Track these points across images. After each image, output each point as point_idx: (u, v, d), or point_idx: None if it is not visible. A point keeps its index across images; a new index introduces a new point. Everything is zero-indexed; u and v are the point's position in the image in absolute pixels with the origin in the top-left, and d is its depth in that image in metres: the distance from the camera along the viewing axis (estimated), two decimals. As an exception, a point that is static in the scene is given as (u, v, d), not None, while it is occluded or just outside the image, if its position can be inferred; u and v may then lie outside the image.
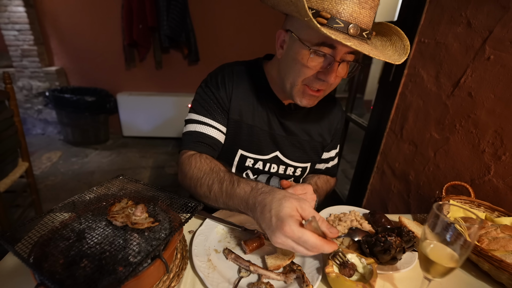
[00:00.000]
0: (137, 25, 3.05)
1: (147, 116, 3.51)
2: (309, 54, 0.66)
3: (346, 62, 0.68)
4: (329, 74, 0.66)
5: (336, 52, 0.64)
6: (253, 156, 0.90)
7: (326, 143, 0.97)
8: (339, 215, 0.81)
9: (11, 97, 1.55)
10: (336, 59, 0.65)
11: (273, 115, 0.87)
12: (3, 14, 3.01)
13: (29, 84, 3.34)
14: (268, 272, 0.59)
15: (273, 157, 0.91)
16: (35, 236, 0.52)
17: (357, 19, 0.59)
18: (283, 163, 0.93)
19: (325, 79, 0.67)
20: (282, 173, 0.94)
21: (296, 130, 0.90)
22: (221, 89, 0.83)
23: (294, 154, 0.93)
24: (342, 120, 0.99)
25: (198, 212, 0.65)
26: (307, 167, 0.97)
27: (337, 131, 0.99)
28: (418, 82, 1.23)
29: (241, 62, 0.89)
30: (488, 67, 0.92)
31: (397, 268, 0.63)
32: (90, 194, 0.65)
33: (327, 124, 0.95)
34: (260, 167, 0.92)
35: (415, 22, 1.21)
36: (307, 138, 0.93)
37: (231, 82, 0.84)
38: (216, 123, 0.83)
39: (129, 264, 0.46)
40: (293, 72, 0.72)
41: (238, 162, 0.89)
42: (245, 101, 0.85)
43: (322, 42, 0.63)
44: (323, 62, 0.67)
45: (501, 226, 0.72)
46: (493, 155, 0.91)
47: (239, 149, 0.88)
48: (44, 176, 2.69)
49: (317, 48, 0.64)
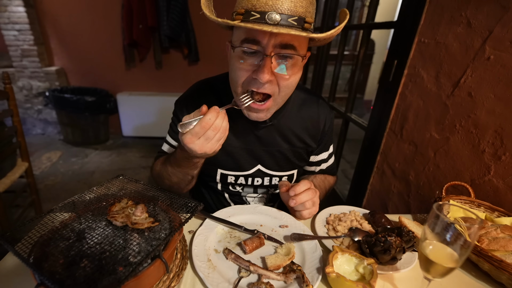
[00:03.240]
0: (137, 25, 3.05)
1: (147, 116, 3.51)
2: (237, 54, 0.64)
3: (282, 57, 0.63)
4: (260, 71, 0.61)
5: (264, 46, 0.60)
6: (233, 173, 0.90)
7: (312, 148, 0.93)
8: (339, 215, 0.81)
9: (11, 97, 1.55)
10: (266, 53, 0.60)
11: (247, 130, 0.84)
12: (3, 14, 3.01)
13: (29, 84, 3.34)
14: (268, 272, 0.59)
15: (256, 171, 0.90)
16: (35, 236, 0.52)
17: (274, 7, 0.56)
18: (267, 175, 0.91)
19: (257, 77, 0.62)
20: (267, 184, 0.93)
21: (274, 141, 0.87)
22: (185, 112, 0.83)
23: (277, 164, 0.90)
24: (330, 121, 0.93)
25: (198, 212, 0.65)
26: (293, 174, 0.95)
27: (324, 133, 0.93)
28: (418, 82, 1.23)
29: (210, 82, 0.88)
30: (488, 67, 0.92)
31: (397, 268, 0.63)
32: (90, 194, 0.65)
33: (310, 129, 0.90)
34: (243, 182, 0.92)
35: (415, 22, 1.21)
36: (287, 146, 0.89)
37: (199, 103, 0.75)
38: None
39: (129, 264, 0.46)
40: (233, 79, 0.70)
41: (220, 179, 0.91)
42: None
43: (245, 38, 0.62)
44: (255, 60, 0.63)
45: (501, 226, 0.72)
46: (493, 155, 0.91)
47: (218, 169, 0.89)
48: (44, 176, 2.69)
49: (241, 46, 0.62)
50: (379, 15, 1.76)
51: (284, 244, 0.69)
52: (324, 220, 0.81)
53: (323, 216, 0.83)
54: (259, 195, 0.98)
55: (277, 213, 0.82)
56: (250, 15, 0.57)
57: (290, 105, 0.86)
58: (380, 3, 1.73)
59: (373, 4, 1.69)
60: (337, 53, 2.06)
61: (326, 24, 2.16)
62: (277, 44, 0.60)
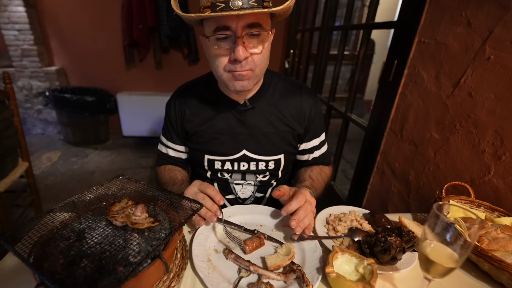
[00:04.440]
0: (137, 25, 3.05)
1: (147, 116, 3.51)
2: (212, 43, 0.72)
3: (251, 36, 0.70)
4: (236, 51, 0.69)
5: (234, 30, 0.68)
6: (219, 158, 0.94)
7: (298, 132, 0.94)
8: (339, 215, 0.81)
9: (11, 97, 1.55)
10: (238, 35, 0.68)
11: (230, 116, 0.90)
12: (3, 14, 3.01)
13: (29, 84, 3.34)
14: (268, 272, 0.59)
15: (241, 155, 0.93)
16: (35, 236, 0.52)
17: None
18: (253, 160, 0.94)
19: (235, 57, 0.70)
20: (254, 169, 0.95)
21: (258, 125, 0.90)
22: (172, 112, 0.95)
23: (262, 148, 0.92)
24: (315, 107, 0.95)
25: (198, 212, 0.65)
26: (280, 158, 0.95)
27: (312, 118, 0.94)
28: (418, 82, 1.23)
29: (195, 79, 0.99)
30: (488, 67, 0.92)
31: (397, 268, 0.63)
32: (90, 194, 0.65)
33: (294, 113, 0.92)
34: (230, 167, 0.95)
35: (415, 22, 1.21)
36: (273, 130, 0.91)
37: (182, 103, 0.94)
38: (174, 145, 1.00)
39: (129, 264, 0.46)
40: (214, 67, 0.77)
41: (208, 166, 0.97)
42: (200, 112, 0.92)
43: (216, 27, 0.69)
44: (228, 44, 0.71)
45: (501, 226, 0.72)
46: (493, 155, 0.91)
47: (205, 155, 0.95)
48: (44, 176, 2.69)
49: (215, 34, 0.69)
50: (379, 15, 1.75)
51: (284, 244, 0.69)
52: (324, 220, 0.81)
53: (323, 216, 0.83)
54: (246, 181, 0.98)
55: (277, 213, 0.82)
56: (216, 6, 0.64)
57: (271, 91, 0.91)
58: (380, 3, 1.73)
59: (373, 4, 1.69)
60: (337, 53, 2.06)
61: (326, 24, 2.16)
62: (244, 26, 0.68)
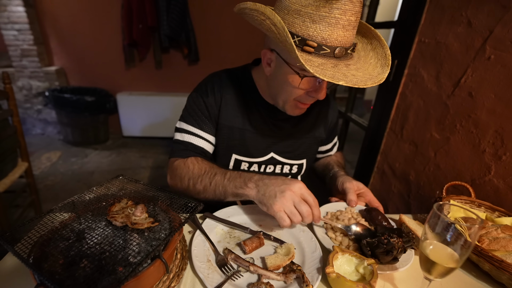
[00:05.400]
0: (137, 25, 3.05)
1: (147, 116, 3.50)
2: (300, 78, 0.69)
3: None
4: (320, 92, 0.72)
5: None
6: (247, 159, 0.92)
7: (322, 138, 1.01)
8: (335, 213, 0.81)
9: (10, 97, 1.55)
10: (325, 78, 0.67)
11: (265, 118, 0.89)
12: (3, 14, 3.01)
13: (29, 84, 3.34)
14: (268, 272, 0.59)
15: (269, 158, 0.93)
16: (34, 236, 0.52)
17: (342, 42, 0.61)
18: (279, 163, 0.95)
19: (317, 97, 0.73)
20: (278, 172, 0.97)
21: (290, 130, 0.92)
22: (210, 96, 0.86)
23: (290, 153, 0.95)
24: (337, 112, 1.05)
25: (198, 212, 0.65)
26: (303, 163, 0.99)
27: (333, 125, 1.04)
28: (418, 82, 1.22)
29: (229, 70, 0.92)
30: (489, 67, 0.92)
31: (396, 268, 0.63)
32: (90, 194, 0.65)
33: (323, 120, 0.99)
34: (256, 169, 0.94)
35: (415, 22, 1.21)
36: (303, 136, 0.95)
37: (220, 89, 0.87)
38: (203, 133, 0.87)
39: (129, 264, 0.46)
40: (285, 93, 0.76)
41: (234, 166, 0.93)
42: (236, 107, 0.88)
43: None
44: (314, 82, 0.72)
45: (502, 226, 0.72)
46: (494, 155, 0.91)
47: (232, 154, 0.91)
48: (43, 176, 2.69)
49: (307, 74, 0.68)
50: (379, 15, 1.75)
51: (284, 244, 0.69)
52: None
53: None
54: None
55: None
56: (322, 49, 0.61)
57: None
58: (380, 3, 1.73)
59: (373, 4, 1.69)
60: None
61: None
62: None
